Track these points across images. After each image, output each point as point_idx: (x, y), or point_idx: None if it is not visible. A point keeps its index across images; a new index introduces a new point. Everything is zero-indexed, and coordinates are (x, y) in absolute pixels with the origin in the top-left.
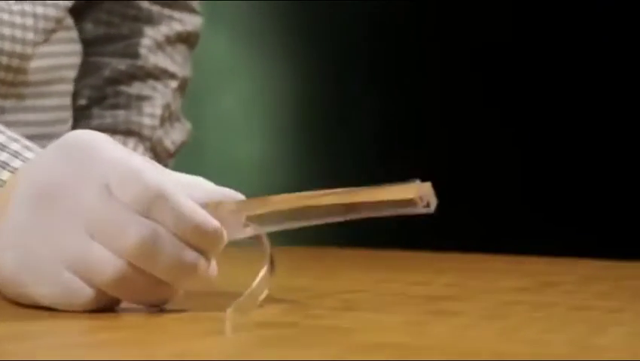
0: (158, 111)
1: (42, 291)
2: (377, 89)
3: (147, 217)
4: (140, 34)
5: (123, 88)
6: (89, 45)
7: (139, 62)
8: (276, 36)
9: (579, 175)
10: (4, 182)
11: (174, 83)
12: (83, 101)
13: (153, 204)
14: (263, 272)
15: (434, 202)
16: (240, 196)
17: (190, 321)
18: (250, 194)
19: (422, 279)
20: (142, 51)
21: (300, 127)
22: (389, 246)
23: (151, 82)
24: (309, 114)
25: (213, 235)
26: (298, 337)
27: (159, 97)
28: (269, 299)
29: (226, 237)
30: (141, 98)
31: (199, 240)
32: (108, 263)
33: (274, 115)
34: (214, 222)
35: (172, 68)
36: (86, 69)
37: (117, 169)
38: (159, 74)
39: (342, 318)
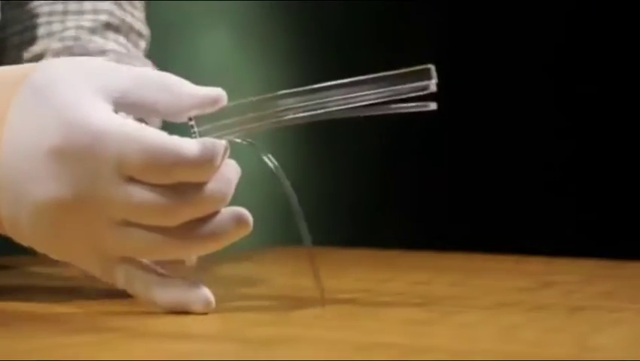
0: None
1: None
2: None
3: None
4: None
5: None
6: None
7: (102, 17)
8: (278, 37)
9: (579, 175)
10: None
11: (143, 44)
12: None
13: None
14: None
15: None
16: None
17: (189, 321)
18: (251, 194)
19: (423, 279)
20: (105, 5)
21: (300, 128)
22: (391, 246)
23: (121, 39)
24: None
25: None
26: (299, 337)
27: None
28: (270, 298)
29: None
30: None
31: (192, 172)
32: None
33: None
34: (187, 152)
35: (137, 25)
36: (37, 32)
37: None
38: (127, 31)
39: (343, 318)
